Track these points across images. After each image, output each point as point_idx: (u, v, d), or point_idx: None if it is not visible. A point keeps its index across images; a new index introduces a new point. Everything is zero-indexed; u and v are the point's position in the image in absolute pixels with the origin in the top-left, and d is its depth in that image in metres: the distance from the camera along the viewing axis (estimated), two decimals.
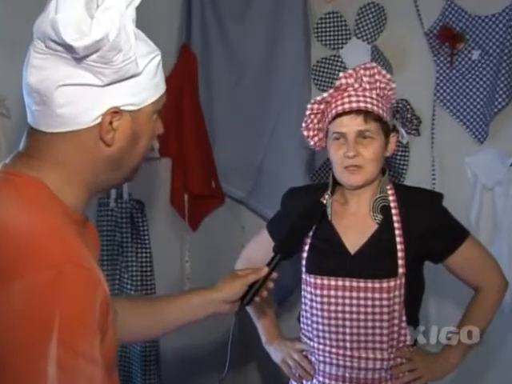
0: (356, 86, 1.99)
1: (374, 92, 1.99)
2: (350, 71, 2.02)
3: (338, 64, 3.20)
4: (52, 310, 1.03)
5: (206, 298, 1.69)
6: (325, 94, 2.05)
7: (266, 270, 1.74)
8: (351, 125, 1.97)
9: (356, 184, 2.01)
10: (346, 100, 1.98)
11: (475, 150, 2.92)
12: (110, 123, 1.20)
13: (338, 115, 1.99)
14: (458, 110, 2.96)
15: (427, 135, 3.03)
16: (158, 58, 1.27)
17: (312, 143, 2.12)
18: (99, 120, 1.20)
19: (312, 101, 2.08)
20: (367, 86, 1.99)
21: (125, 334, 1.52)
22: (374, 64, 2.02)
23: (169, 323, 1.70)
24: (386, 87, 2.01)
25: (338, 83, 2.02)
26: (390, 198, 2.05)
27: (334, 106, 2.01)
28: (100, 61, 1.16)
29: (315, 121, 2.09)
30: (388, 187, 2.07)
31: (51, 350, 1.01)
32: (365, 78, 1.99)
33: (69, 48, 1.14)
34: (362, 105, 1.96)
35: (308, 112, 2.09)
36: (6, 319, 1.03)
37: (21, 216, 1.14)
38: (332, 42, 3.24)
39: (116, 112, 1.20)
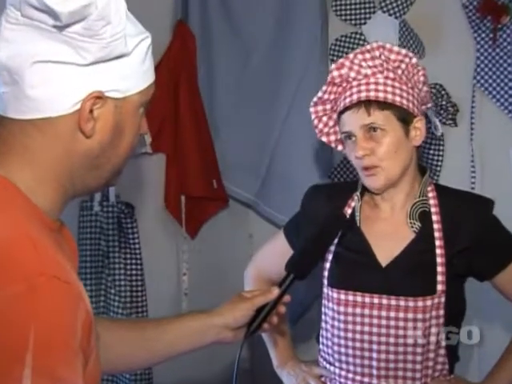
0: (353, 74, 1.97)
1: (380, 76, 1.96)
2: (342, 60, 2.01)
3: (361, 43, 3.19)
4: (25, 330, 1.01)
5: (205, 323, 1.64)
6: (320, 93, 2.05)
7: (276, 291, 1.68)
8: (354, 121, 1.96)
9: (377, 187, 2.00)
10: (348, 93, 1.98)
11: None
12: (91, 111, 1.18)
13: (341, 113, 1.99)
14: (502, 95, 2.95)
15: (466, 126, 3.03)
16: (148, 41, 1.25)
17: (340, 148, 2.12)
18: (78, 106, 1.17)
19: (312, 103, 2.08)
20: (369, 72, 1.97)
21: (106, 360, 1.50)
22: (379, 43, 2.00)
23: (157, 352, 1.64)
24: (401, 65, 1.97)
25: (330, 77, 2.02)
26: (431, 202, 2.03)
27: (339, 102, 2.01)
28: (85, 33, 1.14)
29: (331, 123, 2.09)
30: (429, 189, 2.05)
31: (25, 378, 1.00)
32: (365, 63, 1.97)
33: (51, 14, 1.12)
34: (362, 94, 1.95)
35: (312, 116, 2.09)
36: None
37: None
38: (353, 16, 3.22)
39: (99, 98, 1.18)
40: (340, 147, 2.12)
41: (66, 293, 1.07)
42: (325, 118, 2.09)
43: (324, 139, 2.12)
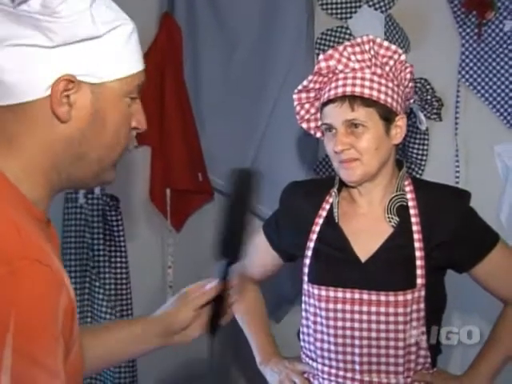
0: (340, 67, 1.97)
1: (368, 71, 1.96)
2: (331, 51, 2.01)
3: (346, 37, 3.19)
4: (6, 311, 1.01)
5: (140, 330, 1.57)
6: (305, 82, 2.05)
7: (210, 286, 1.57)
8: (337, 115, 1.96)
9: (354, 180, 1.99)
10: (333, 85, 1.97)
11: (506, 138, 2.93)
12: (67, 96, 1.18)
13: (324, 104, 1.99)
14: (487, 90, 2.95)
15: (450, 120, 3.02)
16: (127, 28, 1.24)
17: (319, 135, 2.12)
18: (50, 90, 1.17)
19: (296, 90, 2.08)
20: (356, 66, 1.97)
21: None
22: (370, 36, 1.99)
23: (92, 361, 1.52)
24: (389, 61, 1.98)
25: (316, 67, 2.02)
26: (409, 196, 2.04)
27: (323, 93, 2.01)
28: (43, 11, 1.14)
29: (312, 110, 2.09)
30: (406, 183, 2.05)
31: (5, 358, 1.00)
32: (353, 57, 1.97)
33: None
34: (348, 89, 1.94)
35: (295, 102, 2.09)
36: None
37: None
38: (339, 10, 3.21)
39: (71, 81, 1.18)
40: (318, 134, 2.12)
41: (48, 277, 1.07)
42: (307, 105, 2.09)
43: (304, 125, 2.12)
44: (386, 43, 1.99)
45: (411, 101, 2.12)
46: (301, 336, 2.13)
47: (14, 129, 1.19)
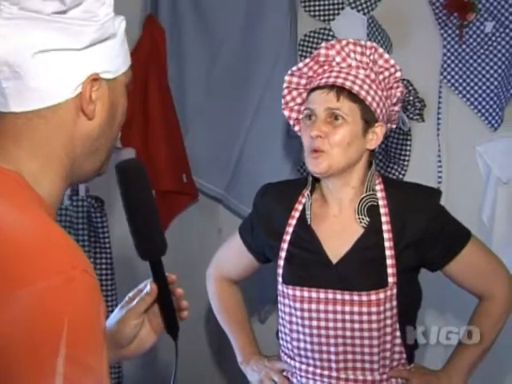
0: (338, 59, 2.00)
1: (363, 72, 1.99)
2: (333, 42, 2.04)
3: (329, 38, 3.19)
4: (60, 320, 1.04)
5: None
6: (300, 64, 2.08)
7: (149, 288, 1.48)
8: (321, 101, 1.98)
9: (319, 171, 2.00)
10: (326, 75, 2.00)
11: (488, 139, 2.94)
12: (90, 95, 1.22)
13: (312, 90, 2.01)
14: (469, 91, 2.98)
15: (432, 121, 3.04)
16: (124, 22, 1.30)
17: (297, 128, 2.13)
18: (79, 90, 1.21)
19: (289, 72, 2.10)
20: (353, 64, 2.00)
21: None
22: (373, 44, 2.03)
23: None
24: (385, 72, 2.01)
25: (315, 53, 2.04)
26: (379, 195, 2.05)
27: (314, 80, 2.02)
28: (83, 16, 1.18)
29: (298, 100, 2.11)
30: (376, 182, 2.07)
31: (58, 365, 1.02)
32: (353, 55, 2.00)
33: None
34: (339, 80, 1.97)
35: (285, 85, 2.10)
36: (10, 330, 1.04)
37: (14, 218, 1.14)
38: (322, 12, 3.23)
39: (96, 79, 1.22)
40: (297, 128, 2.13)
41: (93, 286, 1.10)
42: (294, 93, 2.10)
43: (286, 113, 2.13)
44: (386, 55, 2.02)
45: (393, 125, 2.15)
46: (279, 335, 2.16)
47: (36, 132, 1.22)
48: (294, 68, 2.09)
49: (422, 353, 2.28)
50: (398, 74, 2.02)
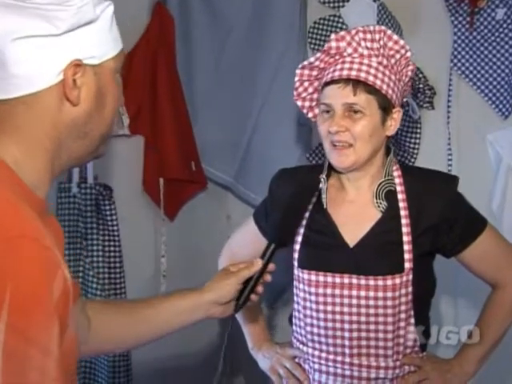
0: (349, 50, 1.99)
1: (375, 59, 1.98)
2: (343, 33, 2.02)
3: (339, 26, 3.20)
4: (2, 287, 1.04)
5: (195, 301, 1.69)
6: (312, 59, 2.07)
7: (260, 263, 1.75)
8: (338, 96, 1.97)
9: (344, 165, 2.01)
10: (338, 67, 1.99)
11: (498, 127, 2.93)
12: (74, 81, 1.23)
13: (327, 84, 2.00)
14: (479, 79, 2.96)
15: (442, 109, 3.03)
16: (112, 8, 1.30)
17: (311, 115, 2.13)
18: (61, 77, 1.22)
19: (300, 65, 2.09)
20: (365, 52, 1.99)
21: (96, 343, 1.56)
22: (382, 27, 2.02)
23: (148, 332, 1.69)
24: (396, 55, 2.00)
25: (326, 46, 2.03)
26: (397, 181, 2.06)
27: (326, 73, 2.02)
28: (55, 1, 1.19)
29: (310, 89, 2.10)
30: (394, 168, 2.08)
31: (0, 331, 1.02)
32: (363, 43, 1.99)
33: None
34: (353, 73, 1.96)
35: (296, 78, 2.10)
36: None
37: None
38: None
39: (78, 65, 1.22)
40: (310, 114, 2.13)
41: (44, 256, 1.10)
42: (306, 83, 2.10)
43: (299, 103, 2.13)
44: (395, 37, 2.01)
45: (405, 99, 2.14)
46: (293, 320, 2.16)
47: (20, 118, 1.23)
48: (306, 62, 2.08)
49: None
50: (409, 54, 2.02)
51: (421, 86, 2.98)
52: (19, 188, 1.21)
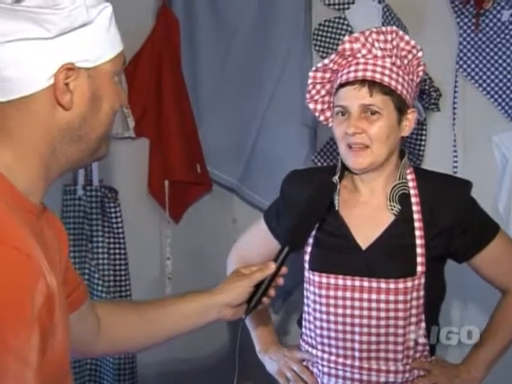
0: (364, 52, 1.98)
1: (389, 60, 1.97)
2: (357, 35, 2.01)
3: (344, 27, 3.20)
4: None
5: (206, 303, 1.69)
6: (326, 61, 2.05)
7: (273, 266, 1.75)
8: (354, 98, 1.96)
9: (361, 167, 2.00)
10: (352, 68, 1.98)
11: (505, 128, 2.93)
12: (67, 84, 1.21)
13: (341, 86, 1.99)
14: (485, 80, 2.96)
15: (448, 110, 3.03)
16: (110, 9, 1.28)
17: (322, 118, 2.12)
18: (52, 81, 1.20)
19: (314, 68, 2.08)
20: (379, 53, 1.98)
21: (106, 343, 1.56)
22: (393, 28, 2.01)
23: (160, 333, 1.68)
24: (408, 55, 2.00)
25: (340, 48, 2.01)
26: (410, 184, 2.05)
27: (339, 75, 2.01)
28: (45, 4, 1.17)
29: (322, 92, 2.09)
30: (408, 171, 2.07)
31: None
32: (377, 44, 1.98)
33: None
34: (368, 74, 1.95)
35: (310, 81, 2.09)
36: None
37: None
38: (337, 1, 3.22)
39: (71, 69, 1.21)
40: (322, 117, 2.12)
41: (24, 265, 1.08)
42: (318, 86, 2.08)
43: (311, 106, 2.11)
44: (407, 37, 2.00)
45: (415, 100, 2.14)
46: (302, 323, 2.14)
47: (11, 122, 1.21)
48: (319, 64, 2.07)
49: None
50: (420, 54, 2.02)
51: (426, 87, 2.98)
52: (10, 194, 1.20)
